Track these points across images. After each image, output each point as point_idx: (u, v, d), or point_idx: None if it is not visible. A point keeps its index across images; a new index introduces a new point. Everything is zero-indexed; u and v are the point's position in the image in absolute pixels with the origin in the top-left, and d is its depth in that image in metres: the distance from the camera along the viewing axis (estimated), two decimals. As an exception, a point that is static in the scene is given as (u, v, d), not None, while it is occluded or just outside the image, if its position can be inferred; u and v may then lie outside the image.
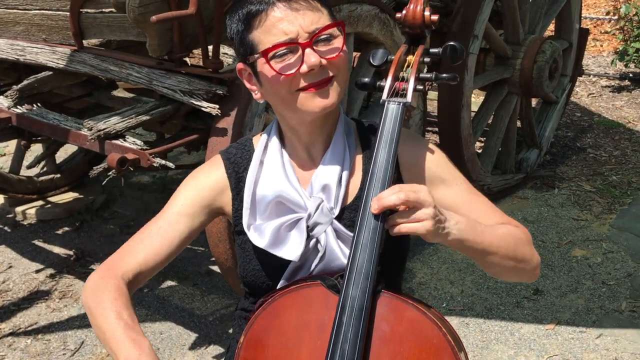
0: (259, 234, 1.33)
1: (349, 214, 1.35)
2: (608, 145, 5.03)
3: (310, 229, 1.32)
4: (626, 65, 6.38)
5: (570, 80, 4.77)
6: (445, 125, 3.79)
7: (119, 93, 3.09)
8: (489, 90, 4.21)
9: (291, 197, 1.33)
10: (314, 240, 1.33)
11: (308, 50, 1.24)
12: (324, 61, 1.25)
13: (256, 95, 1.36)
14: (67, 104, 3.34)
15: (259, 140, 1.43)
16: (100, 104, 3.20)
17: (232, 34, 1.32)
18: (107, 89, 3.09)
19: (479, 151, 4.30)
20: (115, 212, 4.10)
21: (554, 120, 4.68)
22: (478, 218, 1.31)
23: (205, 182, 1.42)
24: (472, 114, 3.94)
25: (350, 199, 1.36)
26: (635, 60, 6.18)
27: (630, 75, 6.50)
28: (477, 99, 4.92)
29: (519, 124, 4.43)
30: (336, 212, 1.34)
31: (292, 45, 1.24)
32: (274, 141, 1.39)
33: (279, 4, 1.24)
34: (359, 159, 1.39)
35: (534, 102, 4.66)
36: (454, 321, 2.99)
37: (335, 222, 1.33)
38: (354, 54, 3.26)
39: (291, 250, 1.32)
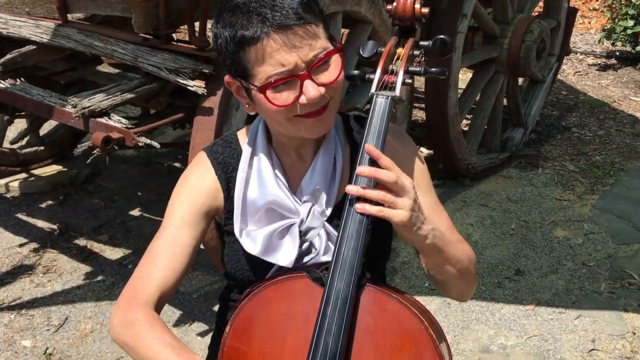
0: (251, 240, 1.33)
1: (339, 213, 1.34)
2: (593, 124, 5.06)
3: (303, 234, 1.33)
4: (613, 44, 6.39)
5: (558, 60, 4.78)
6: (433, 104, 3.79)
7: (104, 68, 3.05)
8: (477, 69, 4.20)
9: (283, 203, 1.32)
10: (307, 243, 1.33)
11: (307, 82, 1.19)
12: (322, 90, 1.21)
13: (246, 107, 1.31)
14: (52, 77, 3.29)
15: (245, 138, 1.40)
16: (85, 78, 3.16)
17: (221, 48, 1.24)
18: (91, 63, 3.04)
19: (465, 129, 4.31)
20: (100, 185, 4.07)
21: (540, 99, 4.69)
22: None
23: (199, 188, 1.38)
24: (460, 92, 3.94)
25: (341, 197, 1.36)
26: (623, 39, 6.19)
27: (617, 53, 6.51)
28: (463, 76, 4.92)
29: (505, 102, 4.44)
30: (328, 213, 1.34)
31: (290, 79, 1.19)
32: (262, 141, 1.36)
33: (274, 35, 1.16)
34: (347, 155, 1.38)
35: (520, 80, 4.66)
36: (435, 301, 3.02)
37: (327, 224, 1.34)
38: (342, 30, 3.24)
39: (284, 256, 1.32)
